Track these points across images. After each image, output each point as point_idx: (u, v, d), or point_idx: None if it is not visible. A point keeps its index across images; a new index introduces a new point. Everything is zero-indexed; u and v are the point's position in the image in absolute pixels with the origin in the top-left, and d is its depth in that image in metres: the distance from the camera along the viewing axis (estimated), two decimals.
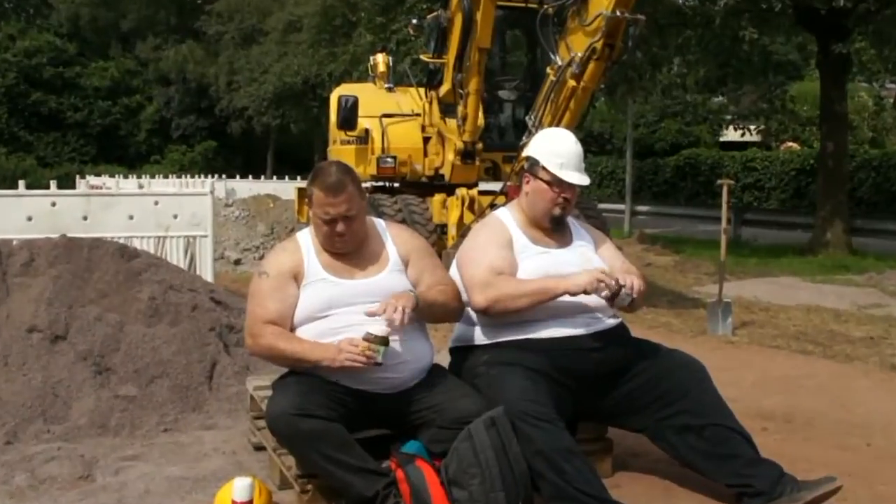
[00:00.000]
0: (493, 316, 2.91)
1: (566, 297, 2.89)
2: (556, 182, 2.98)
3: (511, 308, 2.87)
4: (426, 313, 2.82)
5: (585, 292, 2.85)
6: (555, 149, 3.01)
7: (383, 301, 2.68)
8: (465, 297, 2.98)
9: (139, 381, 3.90)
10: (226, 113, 33.59)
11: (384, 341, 2.62)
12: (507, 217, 3.11)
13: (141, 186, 14.03)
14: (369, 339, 2.62)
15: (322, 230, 2.81)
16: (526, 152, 3.12)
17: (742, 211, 16.14)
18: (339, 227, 2.77)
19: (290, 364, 2.80)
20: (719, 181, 6.98)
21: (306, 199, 2.89)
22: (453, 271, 3.08)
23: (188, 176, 22.38)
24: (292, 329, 2.79)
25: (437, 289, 2.86)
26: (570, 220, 3.16)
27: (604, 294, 2.85)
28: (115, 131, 38.24)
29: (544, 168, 2.99)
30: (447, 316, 2.97)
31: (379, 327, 2.64)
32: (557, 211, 3.02)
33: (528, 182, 3.06)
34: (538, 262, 2.95)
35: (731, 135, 24.60)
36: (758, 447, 2.91)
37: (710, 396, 2.94)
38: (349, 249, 2.85)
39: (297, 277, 2.81)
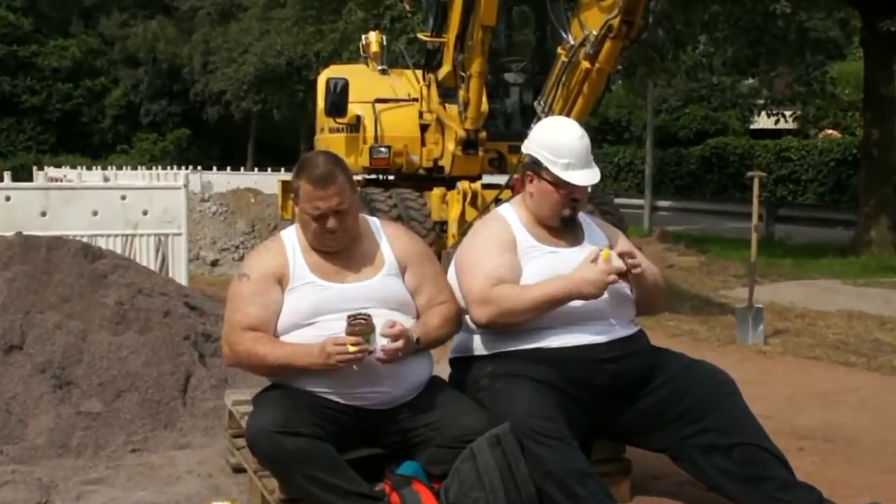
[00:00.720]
0: (496, 329, 2.92)
1: (577, 302, 2.89)
2: (562, 183, 2.98)
3: (515, 322, 2.89)
4: (426, 348, 2.85)
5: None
6: (557, 147, 2.98)
7: (397, 323, 2.70)
8: (463, 303, 2.98)
9: (104, 395, 3.90)
10: (201, 97, 33.60)
11: (370, 327, 2.62)
12: (511, 214, 3.10)
13: (106, 179, 14.05)
14: (354, 332, 2.61)
15: (310, 227, 2.81)
16: (525, 148, 3.09)
17: (775, 206, 16.17)
18: (330, 222, 2.77)
19: (273, 373, 2.81)
20: (750, 173, 6.98)
21: (292, 194, 2.89)
22: (451, 274, 3.08)
23: (159, 167, 22.38)
24: (278, 335, 2.78)
25: (438, 313, 2.87)
26: (583, 216, 3.16)
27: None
28: (76, 117, 38.23)
29: (548, 169, 2.99)
30: (449, 338, 3.00)
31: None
32: (567, 212, 3.02)
33: (531, 181, 3.05)
34: (545, 262, 2.95)
35: (763, 121, 24.58)
36: (793, 469, 2.91)
37: (739, 412, 2.95)
38: (340, 248, 2.85)
39: (281, 281, 2.81)
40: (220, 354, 4.41)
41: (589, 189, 3.05)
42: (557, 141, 2.99)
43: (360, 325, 2.62)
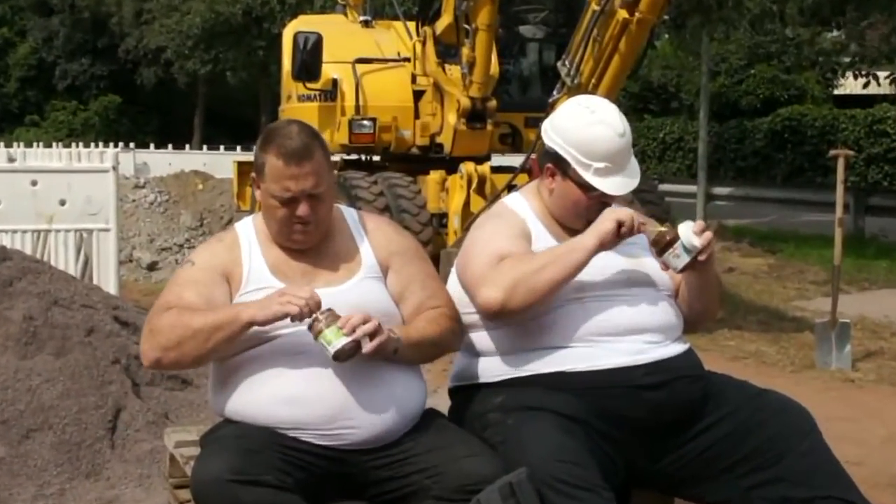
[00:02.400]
0: (517, 315, 2.87)
1: (607, 314, 2.91)
2: (593, 189, 2.98)
3: (538, 290, 2.83)
4: (409, 357, 2.84)
5: (620, 233, 2.85)
6: (590, 148, 2.95)
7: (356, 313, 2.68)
8: (467, 317, 2.99)
9: (9, 436, 3.90)
10: (133, 56, 33.60)
11: (334, 318, 2.64)
12: (522, 206, 3.10)
13: (11, 159, 14.04)
14: (320, 330, 2.63)
15: (277, 215, 2.82)
16: (548, 140, 3.06)
17: (866, 194, 16.16)
18: (302, 209, 2.78)
19: (204, 351, 2.74)
20: (833, 152, 6.99)
21: (253, 175, 2.90)
22: (452, 282, 3.08)
23: (80, 145, 22.39)
24: (231, 356, 2.78)
25: (425, 316, 2.88)
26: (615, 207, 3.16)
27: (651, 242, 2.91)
28: None
29: (576, 170, 2.98)
30: (442, 351, 3.00)
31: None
32: (594, 216, 3.01)
33: (551, 176, 3.04)
34: None
35: (850, 85, 24.53)
36: None
37: (820, 456, 2.95)
38: (310, 244, 2.86)
39: (230, 280, 2.82)
40: (158, 383, 4.44)
41: None
42: (592, 139, 2.96)
43: (326, 317, 2.63)
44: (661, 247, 2.91)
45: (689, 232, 2.88)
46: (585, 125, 2.99)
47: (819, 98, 26.36)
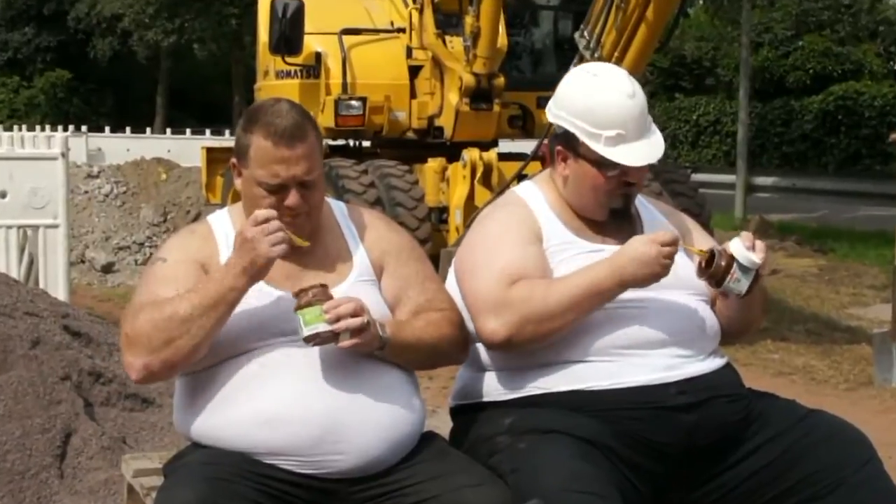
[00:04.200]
0: (521, 349, 2.90)
1: (633, 324, 2.92)
2: (609, 164, 2.97)
3: (548, 334, 2.86)
4: (402, 359, 2.84)
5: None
6: (598, 113, 2.95)
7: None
8: (470, 326, 2.99)
9: None
10: (86, 25, 33.58)
11: (326, 296, 2.65)
12: (536, 196, 3.10)
13: None
14: (302, 305, 2.64)
15: (262, 206, 2.81)
16: (552, 117, 3.06)
17: None
18: (292, 198, 2.77)
19: (203, 338, 2.71)
20: (894, 136, 6.99)
21: (233, 160, 2.89)
22: (451, 283, 3.09)
23: (23, 127, 22.40)
24: (201, 370, 2.78)
25: (425, 317, 2.87)
26: (641, 199, 3.16)
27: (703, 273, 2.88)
28: None
29: (587, 145, 2.97)
30: (441, 359, 2.99)
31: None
32: (618, 203, 3.03)
33: (563, 160, 3.05)
34: (585, 265, 2.95)
35: None
36: None
37: (879, 488, 2.95)
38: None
39: (207, 272, 2.81)
40: (114, 402, 4.44)
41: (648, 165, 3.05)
42: (598, 103, 2.96)
43: (315, 293, 2.65)
44: (719, 276, 2.88)
45: (742, 249, 2.86)
46: (590, 90, 3.00)
47: (878, 74, 26.30)
